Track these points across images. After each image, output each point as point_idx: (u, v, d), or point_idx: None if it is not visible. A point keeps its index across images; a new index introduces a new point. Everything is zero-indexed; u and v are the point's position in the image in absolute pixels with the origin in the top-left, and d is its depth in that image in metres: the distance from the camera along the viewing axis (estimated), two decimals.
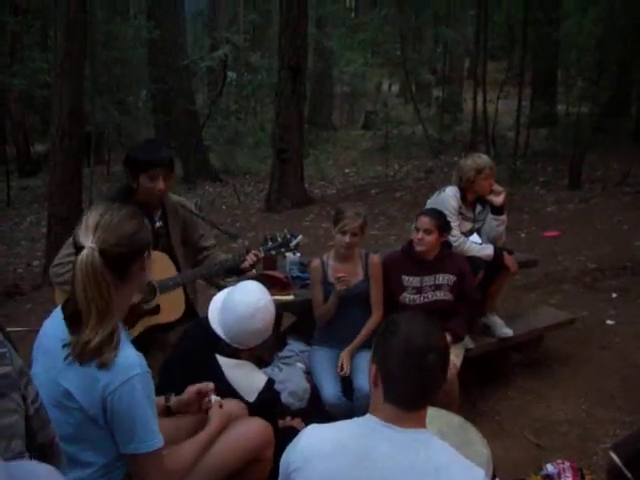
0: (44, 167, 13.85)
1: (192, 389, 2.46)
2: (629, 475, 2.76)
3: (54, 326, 1.99)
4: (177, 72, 13.29)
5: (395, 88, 23.57)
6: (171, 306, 3.19)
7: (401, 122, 15.18)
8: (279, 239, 3.46)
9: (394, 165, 13.48)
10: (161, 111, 14.06)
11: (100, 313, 1.84)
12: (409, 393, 1.73)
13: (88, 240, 1.86)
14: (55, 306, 3.03)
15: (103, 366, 1.84)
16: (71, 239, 3.09)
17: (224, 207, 11.14)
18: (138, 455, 1.92)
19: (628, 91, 13.80)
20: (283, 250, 3.48)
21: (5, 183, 12.48)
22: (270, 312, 2.73)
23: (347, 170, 13.73)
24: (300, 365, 3.68)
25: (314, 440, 1.82)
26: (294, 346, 3.85)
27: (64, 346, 1.87)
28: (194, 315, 3.38)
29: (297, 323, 4.13)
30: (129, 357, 1.89)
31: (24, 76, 12.40)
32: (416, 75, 17.06)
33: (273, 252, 3.46)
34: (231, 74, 15.26)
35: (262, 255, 3.39)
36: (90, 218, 1.91)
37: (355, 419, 1.86)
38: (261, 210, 10.35)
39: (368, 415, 1.80)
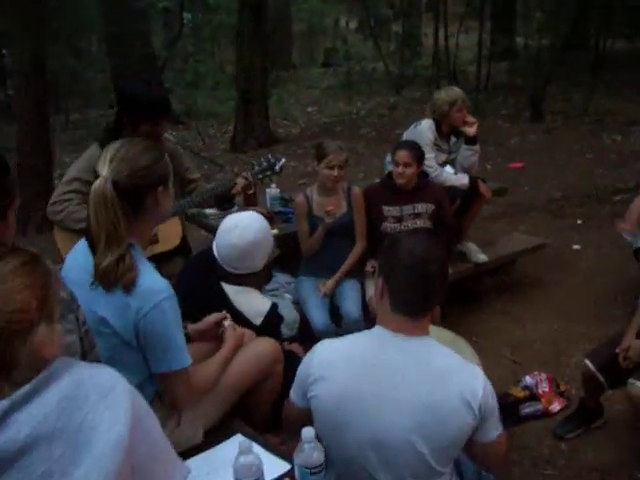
0: None
1: (210, 319, 2.59)
2: (602, 379, 3.02)
3: (77, 258, 2.08)
4: (133, 14, 12.97)
5: (353, 24, 23.34)
6: (168, 234, 3.31)
7: (362, 58, 15.10)
8: (264, 163, 3.60)
9: (357, 102, 13.47)
10: (117, 55, 13.76)
11: (108, 238, 1.94)
12: (414, 301, 1.88)
13: (104, 170, 1.95)
14: (42, 248, 3.13)
15: (127, 289, 1.95)
16: (65, 178, 3.17)
17: (194, 150, 11.07)
18: (170, 373, 2.06)
19: (587, 23, 13.90)
20: (269, 173, 3.63)
21: None
22: (263, 238, 2.85)
23: (310, 109, 13.68)
24: (288, 296, 3.81)
25: (330, 352, 1.97)
26: (280, 278, 3.98)
27: None
28: (188, 249, 3.49)
29: (281, 256, 4.23)
30: (157, 282, 2.01)
31: None
32: (375, 10, 16.91)
33: (261, 175, 3.60)
34: (187, 15, 14.95)
35: (252, 178, 3.49)
36: (109, 151, 1.99)
37: (365, 331, 2.01)
38: (227, 151, 10.34)
39: (377, 326, 1.95)
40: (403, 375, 1.85)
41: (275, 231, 3.94)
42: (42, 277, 1.29)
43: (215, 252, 2.83)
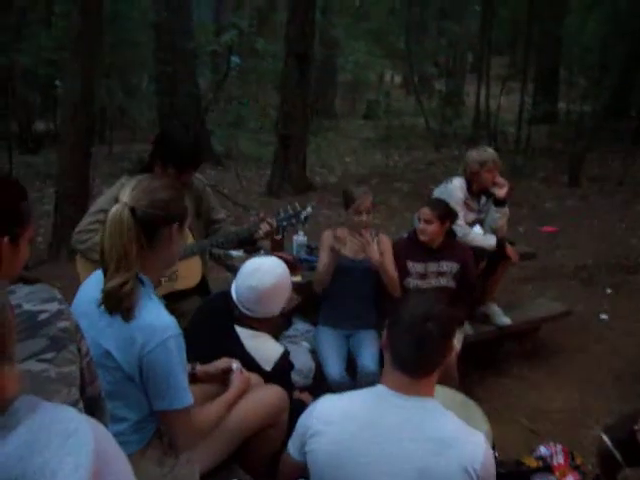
0: (46, 145, 13.90)
1: (219, 365, 2.61)
2: (618, 456, 2.92)
3: (89, 289, 2.11)
4: (183, 55, 13.30)
5: (397, 79, 23.68)
6: (188, 273, 3.34)
7: (403, 113, 15.28)
8: (290, 210, 3.59)
9: (394, 156, 13.57)
10: (165, 94, 14.09)
11: (118, 262, 1.96)
12: (409, 357, 1.87)
13: (125, 197, 2.00)
14: (71, 276, 3.20)
15: (125, 316, 1.97)
16: (93, 208, 3.23)
17: (226, 191, 11.20)
18: (170, 412, 2.05)
19: (629, 92, 13.92)
20: (294, 221, 3.61)
21: (7, 159, 12.49)
22: (283, 284, 2.87)
23: (347, 159, 13.81)
24: (305, 344, 3.81)
25: (328, 408, 1.96)
26: (299, 326, 3.98)
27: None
28: (206, 287, 3.52)
29: (302, 304, 4.25)
30: (164, 319, 2.02)
31: (29, 53, 12.38)
32: (419, 67, 17.14)
33: (285, 222, 3.58)
34: (235, 59, 15.29)
35: (275, 225, 3.50)
36: (132, 182, 2.05)
37: (366, 389, 2.00)
38: (262, 195, 10.45)
39: (378, 385, 1.94)
40: (399, 437, 1.83)
41: (299, 278, 3.96)
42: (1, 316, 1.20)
43: (233, 293, 2.85)
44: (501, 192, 4.28)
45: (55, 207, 7.00)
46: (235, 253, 4.20)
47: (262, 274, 2.80)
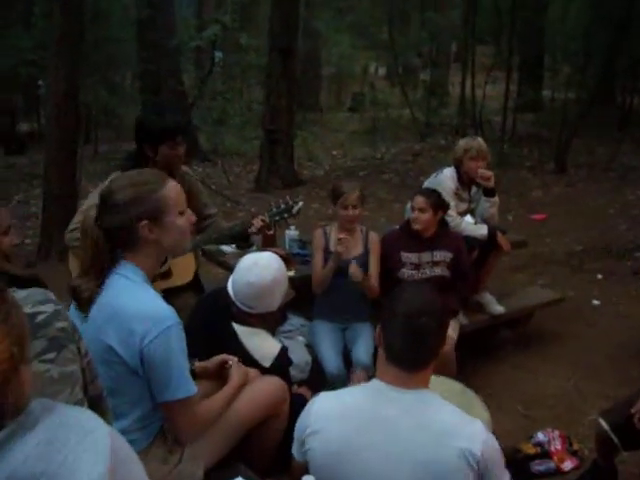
0: (29, 146, 13.81)
1: (217, 359, 2.62)
2: (616, 440, 2.94)
3: None
4: (167, 52, 13.22)
5: (382, 71, 23.62)
6: (182, 270, 3.34)
7: (388, 105, 15.24)
8: (282, 205, 3.59)
9: (381, 147, 13.56)
10: (149, 91, 14.00)
11: (84, 267, 2.07)
12: (404, 352, 1.86)
13: (94, 201, 2.09)
14: (63, 276, 3.19)
15: (82, 307, 2.05)
16: (85, 205, 3.22)
17: (213, 187, 11.16)
18: (174, 402, 2.05)
19: (613, 79, 13.96)
20: (286, 215, 3.61)
21: None
22: (281, 278, 2.87)
23: (335, 152, 13.78)
24: (301, 338, 3.81)
25: (326, 405, 1.95)
26: (294, 320, 3.98)
27: None
28: (200, 285, 3.51)
29: (297, 298, 4.23)
30: (163, 309, 2.03)
31: (8, 54, 12.24)
32: (403, 58, 17.09)
33: (277, 217, 3.58)
34: (218, 54, 15.20)
35: (268, 220, 3.49)
36: (103, 186, 2.08)
37: (363, 384, 2.00)
38: (251, 190, 10.42)
39: (374, 379, 1.94)
40: (398, 431, 1.82)
41: (292, 273, 3.94)
42: (18, 318, 1.22)
43: (230, 290, 2.84)
44: (489, 183, 4.28)
45: (43, 208, 6.96)
46: (227, 249, 4.20)
47: (260, 269, 2.79)
